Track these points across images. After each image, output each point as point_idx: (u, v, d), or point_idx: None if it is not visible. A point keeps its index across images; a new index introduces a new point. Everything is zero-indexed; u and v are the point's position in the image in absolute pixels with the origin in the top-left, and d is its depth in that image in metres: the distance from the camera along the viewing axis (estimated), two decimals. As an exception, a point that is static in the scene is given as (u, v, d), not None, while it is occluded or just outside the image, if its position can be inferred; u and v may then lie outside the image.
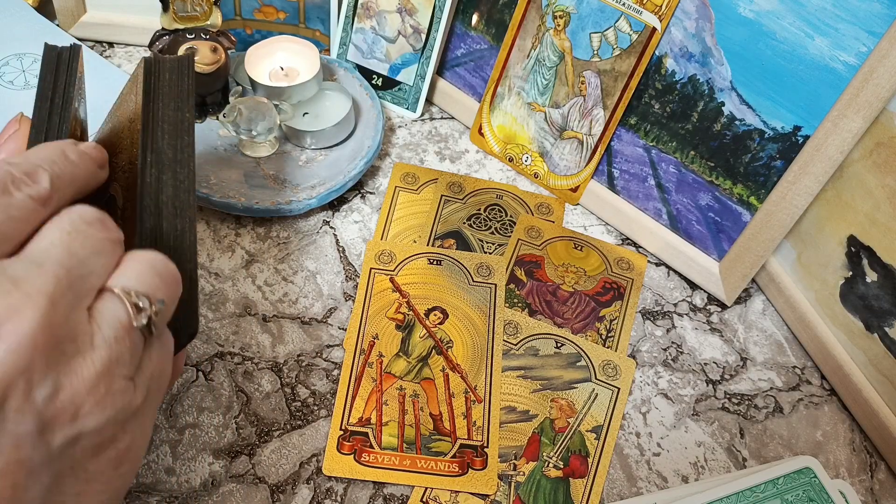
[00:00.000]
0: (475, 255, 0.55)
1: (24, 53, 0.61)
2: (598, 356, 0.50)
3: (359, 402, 0.46)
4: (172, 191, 0.34)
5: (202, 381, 0.47)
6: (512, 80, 0.60)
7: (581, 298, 0.54)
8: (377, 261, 0.54)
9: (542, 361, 0.50)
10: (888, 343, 0.47)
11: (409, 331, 0.50)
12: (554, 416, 0.47)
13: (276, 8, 0.65)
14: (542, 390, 0.48)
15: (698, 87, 0.51)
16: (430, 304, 0.52)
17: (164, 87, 0.35)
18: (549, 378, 0.49)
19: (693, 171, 0.53)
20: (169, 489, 0.42)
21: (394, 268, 0.53)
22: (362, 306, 0.51)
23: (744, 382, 0.51)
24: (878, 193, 0.45)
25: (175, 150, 0.34)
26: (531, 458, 0.45)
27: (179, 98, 0.35)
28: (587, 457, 0.46)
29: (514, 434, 0.46)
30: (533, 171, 0.61)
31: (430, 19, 0.61)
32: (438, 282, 0.53)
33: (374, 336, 0.50)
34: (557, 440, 0.46)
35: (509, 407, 0.47)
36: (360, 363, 0.48)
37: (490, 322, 0.51)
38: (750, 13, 0.47)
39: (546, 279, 0.55)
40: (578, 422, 0.47)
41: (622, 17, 0.52)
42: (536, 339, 0.51)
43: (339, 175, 0.57)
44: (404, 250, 0.55)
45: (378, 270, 0.53)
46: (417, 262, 0.54)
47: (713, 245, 0.55)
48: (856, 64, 0.44)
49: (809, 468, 0.43)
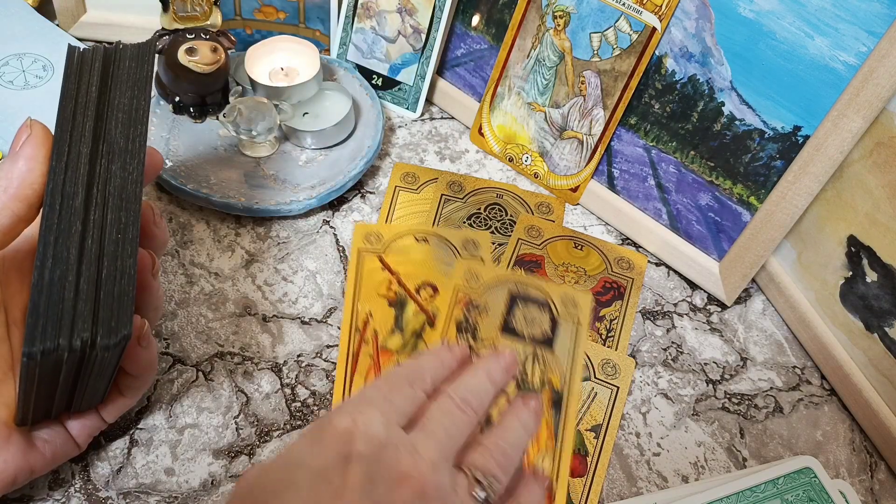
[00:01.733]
0: (461, 230, 0.56)
1: (24, 53, 0.61)
2: (597, 355, 0.50)
3: (358, 379, 0.47)
4: (120, 181, 0.33)
5: (202, 381, 0.47)
6: (512, 80, 0.60)
7: (581, 298, 0.54)
8: (365, 241, 0.54)
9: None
10: (888, 343, 0.47)
11: (402, 307, 0.51)
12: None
13: (276, 8, 0.65)
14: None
15: (698, 87, 0.51)
16: (419, 280, 0.53)
17: (123, 74, 0.34)
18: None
19: (693, 171, 0.53)
20: (168, 489, 0.42)
21: (382, 248, 0.54)
22: (354, 286, 0.52)
23: (744, 382, 0.51)
24: (878, 193, 0.45)
25: (127, 140, 0.33)
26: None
27: (136, 86, 0.34)
28: (586, 456, 0.46)
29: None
30: (533, 170, 0.61)
31: (430, 19, 0.61)
32: (426, 259, 0.54)
33: (368, 314, 0.50)
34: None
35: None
36: (357, 341, 0.49)
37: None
38: (750, 13, 0.47)
39: (546, 279, 0.55)
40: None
41: (622, 17, 0.52)
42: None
43: (339, 175, 0.57)
44: (391, 230, 0.56)
45: (367, 251, 0.54)
46: (404, 240, 0.55)
47: (713, 245, 0.55)
48: (856, 64, 0.44)
49: (809, 468, 0.43)
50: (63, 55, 0.35)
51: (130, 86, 0.34)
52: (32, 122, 0.34)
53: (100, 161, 0.33)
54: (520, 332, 0.50)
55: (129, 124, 0.34)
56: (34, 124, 0.34)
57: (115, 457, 0.43)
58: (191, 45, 0.54)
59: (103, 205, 0.32)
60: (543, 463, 0.45)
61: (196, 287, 0.51)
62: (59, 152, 0.32)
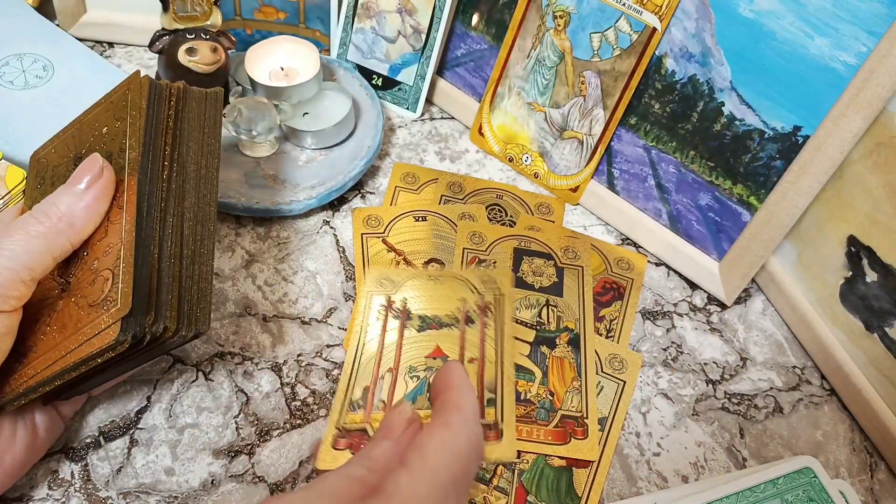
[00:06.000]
0: (457, 206, 0.58)
1: (24, 53, 0.61)
2: (605, 349, 0.50)
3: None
4: (195, 200, 0.38)
5: (202, 381, 0.47)
6: (512, 80, 0.60)
7: (581, 298, 0.54)
8: (366, 225, 0.55)
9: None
10: (888, 343, 0.47)
11: None
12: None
13: (276, 8, 0.65)
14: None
15: (698, 87, 0.51)
16: (425, 257, 0.54)
17: (192, 112, 0.40)
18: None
19: (693, 171, 0.53)
20: (168, 489, 0.42)
21: (383, 229, 0.55)
22: (363, 270, 0.53)
23: (744, 382, 0.51)
24: (878, 193, 0.45)
25: (198, 167, 0.39)
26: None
27: (205, 125, 0.40)
28: None
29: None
30: (533, 171, 0.61)
31: (430, 19, 0.61)
32: (428, 237, 0.55)
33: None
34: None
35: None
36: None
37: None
38: (750, 13, 0.47)
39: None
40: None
41: (622, 17, 0.52)
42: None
43: (339, 175, 0.57)
44: (389, 212, 0.57)
45: (369, 234, 0.55)
46: (404, 220, 0.56)
47: (713, 245, 0.55)
48: (856, 64, 0.44)
49: (809, 468, 0.43)
50: (63, 55, 0.37)
51: (198, 124, 0.40)
52: (105, 166, 0.36)
53: (175, 179, 0.38)
54: (530, 283, 0.52)
55: (199, 153, 0.39)
56: (106, 168, 0.36)
57: (115, 457, 0.43)
58: (191, 45, 0.54)
59: (180, 215, 0.37)
60: (572, 402, 0.47)
61: (196, 287, 0.51)
62: (143, 168, 0.36)
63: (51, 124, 0.57)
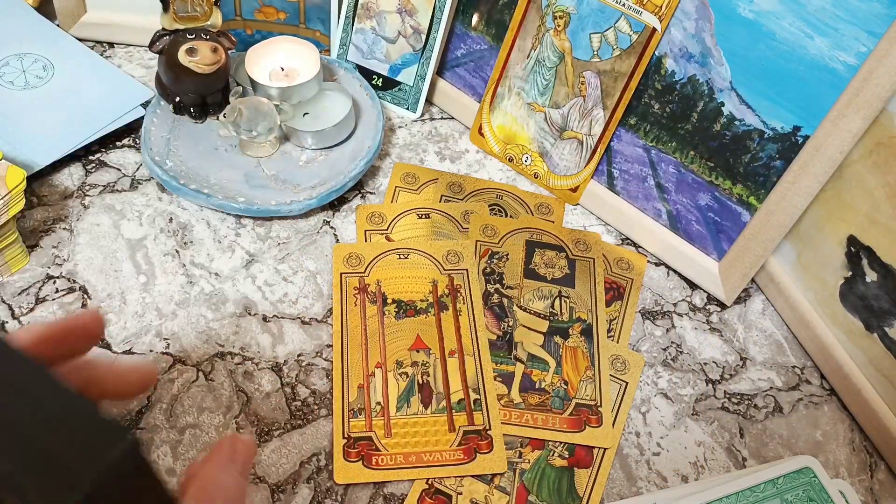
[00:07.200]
0: (459, 204, 0.59)
1: (24, 53, 0.61)
2: (607, 350, 0.50)
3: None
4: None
5: (202, 381, 0.47)
6: (512, 80, 0.60)
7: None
8: (369, 222, 0.56)
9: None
10: (888, 343, 0.47)
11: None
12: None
13: (277, 8, 0.65)
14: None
15: (698, 88, 0.51)
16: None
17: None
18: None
19: (693, 171, 0.54)
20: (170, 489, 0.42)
21: (387, 227, 0.56)
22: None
23: (743, 382, 0.51)
24: (877, 193, 0.46)
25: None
26: (537, 447, 0.45)
27: None
28: (592, 448, 0.46)
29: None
30: (533, 171, 0.61)
31: (430, 19, 0.61)
32: (430, 234, 0.56)
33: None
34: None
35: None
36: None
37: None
38: (750, 13, 0.47)
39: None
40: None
41: (622, 17, 0.52)
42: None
43: (340, 175, 0.57)
44: (393, 210, 0.57)
45: (373, 231, 0.55)
46: (407, 218, 0.57)
47: (713, 245, 0.55)
48: (856, 64, 0.44)
49: (809, 468, 0.43)
50: (63, 55, 0.34)
51: None
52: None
53: None
54: (542, 275, 0.53)
55: None
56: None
57: (115, 457, 0.43)
58: (191, 46, 0.54)
59: None
60: (586, 391, 0.48)
61: (196, 287, 0.51)
62: None
63: (51, 124, 0.57)
